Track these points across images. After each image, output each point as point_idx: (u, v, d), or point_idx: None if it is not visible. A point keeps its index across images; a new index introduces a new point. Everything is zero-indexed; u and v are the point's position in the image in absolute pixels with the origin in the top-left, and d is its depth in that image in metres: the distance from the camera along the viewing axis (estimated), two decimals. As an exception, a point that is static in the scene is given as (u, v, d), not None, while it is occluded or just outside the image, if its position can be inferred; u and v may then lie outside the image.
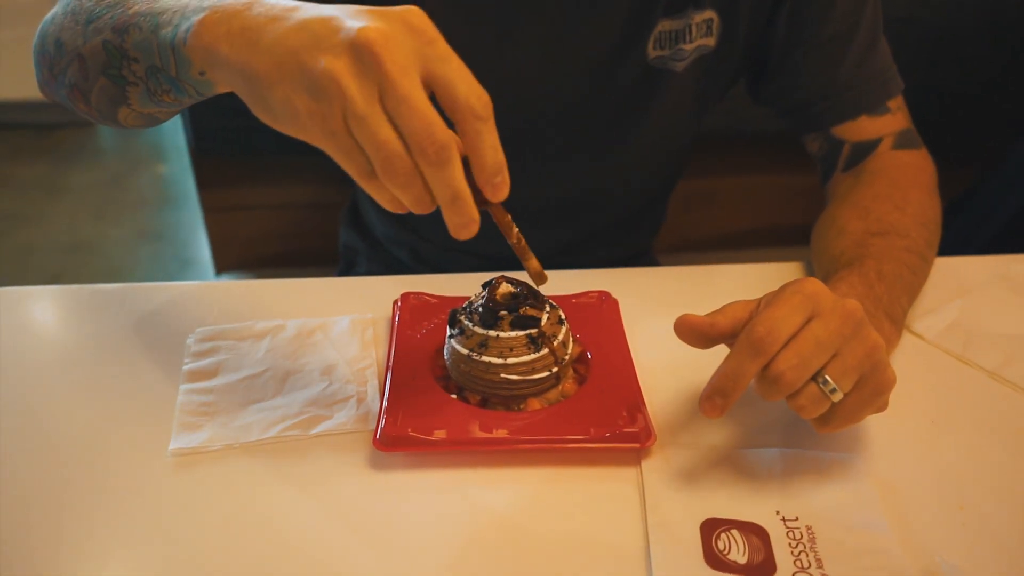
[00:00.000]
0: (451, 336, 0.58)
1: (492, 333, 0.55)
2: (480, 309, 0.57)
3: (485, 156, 0.43)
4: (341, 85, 0.40)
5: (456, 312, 0.58)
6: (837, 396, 0.47)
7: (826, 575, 0.46)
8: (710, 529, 0.49)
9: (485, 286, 0.58)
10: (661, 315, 0.57)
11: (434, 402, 0.56)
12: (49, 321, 0.69)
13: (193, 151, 1.34)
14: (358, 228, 0.99)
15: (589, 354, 0.61)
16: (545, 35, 0.71)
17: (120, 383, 0.61)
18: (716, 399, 0.48)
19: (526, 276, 0.52)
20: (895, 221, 0.68)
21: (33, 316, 0.69)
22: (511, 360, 0.55)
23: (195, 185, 1.40)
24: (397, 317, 0.65)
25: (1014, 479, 0.54)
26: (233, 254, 1.48)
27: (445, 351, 0.59)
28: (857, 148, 0.76)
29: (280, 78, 0.42)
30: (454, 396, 0.57)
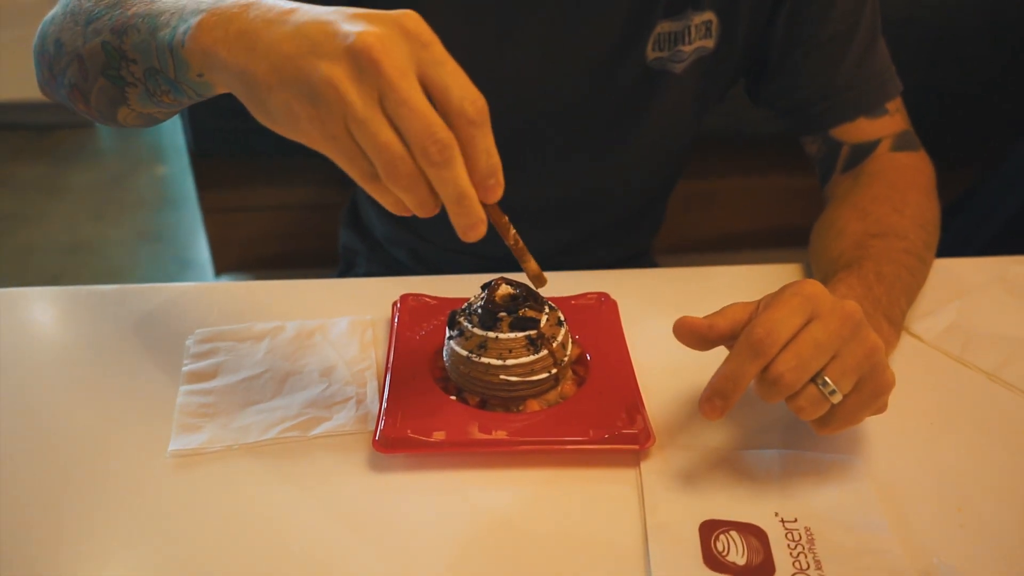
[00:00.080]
0: (450, 337, 0.58)
1: (491, 334, 0.55)
2: (479, 311, 0.57)
3: (479, 160, 0.43)
4: (340, 91, 0.40)
5: (455, 313, 0.58)
6: (836, 398, 0.48)
7: (825, 576, 0.46)
8: (709, 530, 0.49)
9: (484, 288, 0.58)
10: (660, 316, 0.57)
11: (433, 403, 0.56)
12: (49, 322, 0.69)
13: (192, 152, 1.35)
14: (357, 229, 0.99)
15: (588, 355, 0.61)
16: (545, 35, 0.71)
17: (120, 384, 0.61)
18: (716, 401, 0.48)
19: (525, 278, 0.52)
20: (894, 223, 0.68)
21: (33, 317, 0.69)
22: (510, 361, 0.55)
23: (194, 186, 1.40)
24: (396, 318, 0.65)
25: (1013, 480, 0.54)
26: (232, 255, 1.48)
27: (444, 352, 0.59)
28: (855, 150, 0.76)
29: (278, 84, 0.42)
30: (453, 397, 0.57)
